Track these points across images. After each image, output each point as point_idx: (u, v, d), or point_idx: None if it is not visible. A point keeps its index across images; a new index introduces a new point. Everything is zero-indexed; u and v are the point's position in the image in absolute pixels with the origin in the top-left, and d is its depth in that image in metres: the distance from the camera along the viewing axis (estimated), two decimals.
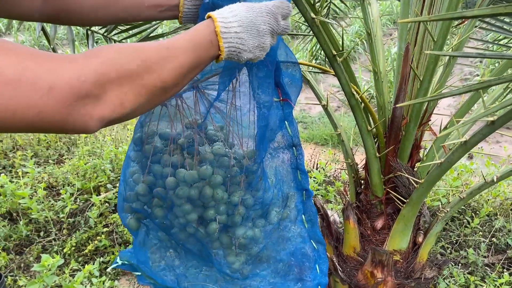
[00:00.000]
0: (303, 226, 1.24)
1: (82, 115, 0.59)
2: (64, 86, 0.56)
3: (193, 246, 1.17)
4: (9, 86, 0.53)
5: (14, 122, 0.55)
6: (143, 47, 0.66)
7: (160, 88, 0.67)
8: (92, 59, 0.60)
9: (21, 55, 0.56)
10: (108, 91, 0.60)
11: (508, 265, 2.29)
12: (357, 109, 1.26)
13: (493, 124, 0.96)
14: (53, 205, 2.46)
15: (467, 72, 6.15)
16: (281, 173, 1.19)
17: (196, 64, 0.74)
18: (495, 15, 0.60)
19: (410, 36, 1.35)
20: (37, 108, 0.55)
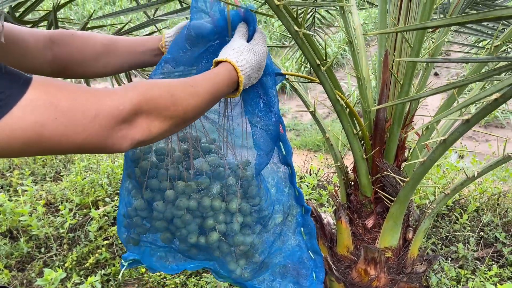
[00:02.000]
0: (301, 238, 1.29)
1: (118, 137, 0.70)
2: (107, 114, 0.68)
3: (195, 256, 1.22)
4: (65, 115, 0.64)
5: (67, 146, 0.66)
6: (173, 84, 0.80)
7: (181, 118, 0.80)
8: (129, 92, 0.72)
9: (71, 89, 0.67)
10: (140, 119, 0.72)
11: (497, 258, 2.36)
12: (343, 114, 1.33)
13: (468, 122, 1.04)
14: (52, 221, 2.50)
15: (454, 73, 6.28)
16: (281, 185, 1.25)
17: (213, 101, 0.88)
18: (466, 23, 0.67)
19: (389, 43, 1.43)
20: (86, 132, 0.66)
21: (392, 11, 1.43)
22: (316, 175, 3.17)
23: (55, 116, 0.64)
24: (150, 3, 1.71)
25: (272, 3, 1.03)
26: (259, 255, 1.22)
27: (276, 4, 1.03)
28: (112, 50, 1.08)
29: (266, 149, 1.10)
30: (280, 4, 1.04)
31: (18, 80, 0.63)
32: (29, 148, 0.64)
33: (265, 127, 1.09)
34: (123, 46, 1.09)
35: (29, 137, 0.63)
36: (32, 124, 0.62)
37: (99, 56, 1.07)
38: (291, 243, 1.29)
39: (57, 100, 0.64)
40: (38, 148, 0.65)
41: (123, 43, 1.09)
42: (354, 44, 1.54)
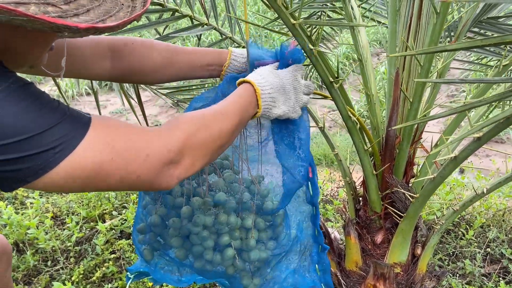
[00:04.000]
0: (316, 274, 1.31)
1: (166, 176, 0.75)
2: (156, 155, 0.73)
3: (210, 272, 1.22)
4: (120, 156, 0.69)
5: (120, 184, 0.71)
6: (206, 115, 0.85)
7: (219, 147, 0.85)
8: (174, 131, 0.77)
9: (126, 130, 0.72)
10: (185, 157, 0.77)
11: (504, 274, 2.36)
12: (354, 130, 1.35)
13: (479, 140, 1.06)
14: (59, 234, 2.50)
15: (453, 88, 6.32)
16: (301, 223, 1.27)
17: (242, 122, 0.92)
18: (473, 47, 0.70)
19: (398, 62, 1.46)
20: (138, 172, 0.71)
21: (401, 30, 1.46)
22: (321, 189, 3.17)
23: (111, 156, 0.68)
24: (162, 20, 1.75)
25: (288, 22, 1.06)
26: (273, 271, 1.22)
27: (292, 23, 1.06)
28: (172, 63, 1.11)
29: (291, 188, 1.13)
30: (295, 23, 1.07)
31: (79, 121, 0.68)
32: (86, 185, 0.69)
33: (290, 169, 1.12)
34: (183, 59, 1.12)
35: (88, 176, 0.67)
36: (91, 164, 0.67)
37: (158, 68, 1.10)
38: (307, 278, 1.30)
39: (114, 141, 0.69)
40: (94, 185, 0.70)
41: (183, 56, 1.12)
42: (364, 62, 1.57)
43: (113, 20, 0.66)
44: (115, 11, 0.68)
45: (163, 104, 5.85)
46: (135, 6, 0.72)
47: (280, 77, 1.03)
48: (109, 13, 0.67)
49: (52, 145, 0.63)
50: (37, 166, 0.63)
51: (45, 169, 0.64)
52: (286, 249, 1.22)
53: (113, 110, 6.03)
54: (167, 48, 1.11)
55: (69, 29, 0.60)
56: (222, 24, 1.83)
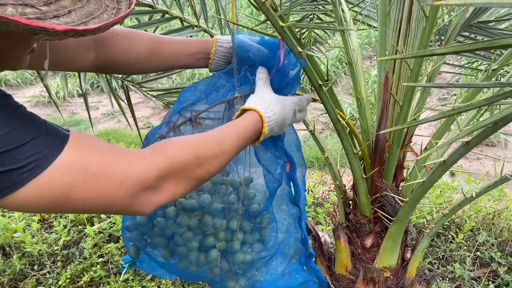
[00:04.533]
0: (306, 273, 1.30)
1: (142, 202, 0.71)
2: (133, 180, 0.68)
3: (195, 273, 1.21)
4: (93, 179, 0.65)
5: (91, 208, 0.68)
6: (200, 144, 0.80)
7: (206, 177, 0.81)
8: (157, 157, 0.72)
9: (103, 152, 0.68)
10: (165, 184, 0.73)
11: (493, 278, 2.37)
12: (343, 133, 1.35)
13: (468, 144, 1.06)
14: (46, 238, 2.46)
15: (444, 92, 6.37)
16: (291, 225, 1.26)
17: (236, 153, 0.88)
18: (461, 51, 0.69)
19: (388, 65, 1.45)
20: (110, 197, 0.67)
21: (391, 33, 1.46)
22: (312, 193, 3.17)
23: (83, 179, 0.65)
24: (152, 22, 1.74)
25: (277, 25, 1.05)
26: (259, 273, 1.21)
27: (280, 25, 1.05)
28: (157, 53, 1.07)
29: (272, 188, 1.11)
30: (284, 26, 1.06)
31: (55, 139, 0.64)
32: (54, 207, 0.65)
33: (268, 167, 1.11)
34: (168, 49, 1.08)
35: (57, 198, 0.64)
36: (60, 186, 0.63)
37: (142, 59, 1.07)
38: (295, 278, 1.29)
39: (88, 164, 0.65)
40: (62, 208, 0.66)
41: (168, 46, 1.08)
42: (354, 65, 1.57)
43: (95, 23, 0.64)
44: (98, 13, 0.66)
45: (155, 106, 5.82)
46: (120, 8, 0.70)
47: (285, 110, 0.99)
48: (92, 15, 0.65)
49: (21, 164, 0.60)
50: (2, 185, 0.60)
51: (12, 188, 0.60)
52: (272, 252, 1.20)
53: (105, 111, 5.99)
54: (152, 39, 1.08)
55: (46, 32, 0.57)
56: (213, 26, 1.82)
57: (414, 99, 1.62)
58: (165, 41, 1.09)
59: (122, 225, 1.23)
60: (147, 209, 0.73)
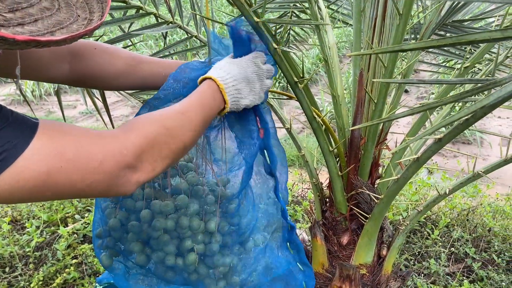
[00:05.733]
0: (288, 252, 1.27)
1: (123, 182, 0.71)
2: (111, 160, 0.68)
3: (172, 279, 1.17)
4: (70, 163, 0.64)
5: (72, 192, 0.67)
6: (165, 116, 0.80)
7: (182, 149, 0.81)
8: (129, 133, 0.72)
9: (76, 136, 0.67)
10: (143, 160, 0.73)
11: (468, 273, 2.41)
12: (319, 131, 1.34)
13: (440, 141, 1.06)
14: (18, 239, 2.40)
15: (423, 91, 6.47)
16: (268, 198, 1.23)
17: (206, 120, 0.88)
18: (429, 47, 0.69)
19: (363, 62, 1.46)
20: (91, 179, 0.67)
21: (366, 31, 1.46)
22: (290, 191, 3.17)
23: (60, 164, 0.64)
24: (125, 17, 1.70)
25: (252, 20, 1.04)
26: (238, 276, 1.18)
27: (255, 21, 1.04)
28: (135, 71, 1.07)
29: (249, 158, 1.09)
30: (259, 21, 1.04)
31: (24, 127, 0.63)
32: (33, 196, 0.64)
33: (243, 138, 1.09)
34: (147, 68, 1.08)
35: (34, 186, 0.62)
36: (37, 174, 0.62)
37: (120, 75, 1.05)
38: (278, 256, 1.26)
39: (63, 148, 0.64)
40: (42, 196, 0.65)
41: (147, 65, 1.08)
42: (329, 63, 1.57)
43: (63, 33, 0.60)
44: (68, 22, 0.62)
45: (134, 104, 5.74)
46: (92, 19, 0.66)
47: (242, 66, 0.99)
48: (61, 24, 0.61)
49: None
50: None
51: None
52: (248, 230, 1.18)
53: (83, 110, 5.89)
54: (131, 56, 1.07)
55: (4, 41, 0.54)
56: (188, 22, 1.80)
57: (389, 96, 1.63)
58: (144, 60, 1.09)
59: (93, 232, 1.19)
60: (129, 188, 0.73)
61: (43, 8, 0.60)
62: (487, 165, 1.38)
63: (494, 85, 0.69)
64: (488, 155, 4.57)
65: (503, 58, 1.52)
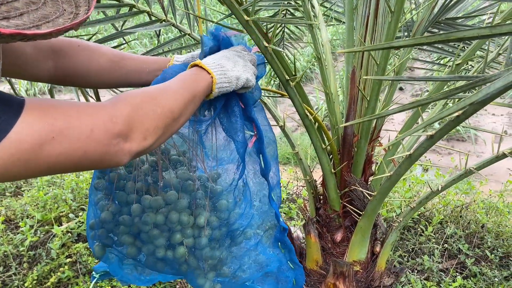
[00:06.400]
0: (279, 251, 1.28)
1: (116, 151, 0.71)
2: (101, 128, 0.68)
3: (163, 269, 1.19)
4: (62, 134, 0.64)
5: (66, 164, 0.67)
6: (151, 89, 0.82)
7: (171, 119, 0.81)
8: (117, 104, 0.73)
9: (65, 107, 0.67)
10: (133, 129, 0.74)
11: (461, 269, 2.43)
12: (311, 129, 1.35)
13: (432, 138, 1.07)
14: (12, 238, 2.39)
15: (418, 88, 6.49)
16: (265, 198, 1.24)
17: (194, 94, 0.89)
18: (419, 44, 0.70)
19: (356, 60, 1.46)
20: (84, 148, 0.67)
21: (358, 28, 1.46)
22: (285, 189, 3.18)
23: (52, 135, 0.64)
24: (118, 15, 1.70)
25: (242, 19, 1.04)
26: (228, 268, 1.20)
27: (245, 19, 1.04)
28: (118, 67, 1.07)
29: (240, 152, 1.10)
30: (249, 20, 1.04)
31: (11, 104, 0.63)
32: (29, 170, 0.64)
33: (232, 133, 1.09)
34: (130, 64, 1.09)
35: (28, 159, 0.62)
36: (30, 146, 0.62)
37: (104, 72, 1.06)
38: (269, 254, 1.28)
39: (53, 119, 0.64)
40: (38, 170, 0.65)
41: (130, 62, 1.09)
42: (322, 60, 1.57)
43: (49, 27, 0.60)
44: (54, 16, 0.62)
45: None
46: (78, 13, 0.66)
47: (225, 52, 1.02)
48: (47, 18, 0.61)
49: None
50: None
51: None
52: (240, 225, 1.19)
53: None
54: (115, 53, 1.08)
55: None
56: (181, 20, 1.80)
57: (382, 93, 1.63)
58: (126, 57, 1.10)
59: (87, 223, 1.20)
60: (122, 157, 0.73)
61: (29, 2, 0.60)
62: (479, 162, 1.38)
63: (483, 81, 0.69)
64: (483, 152, 4.60)
65: (495, 55, 1.53)
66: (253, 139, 1.13)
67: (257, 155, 1.18)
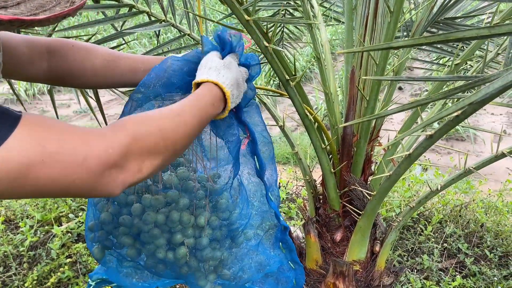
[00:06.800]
0: (280, 251, 1.29)
1: (107, 181, 0.68)
2: (95, 158, 0.65)
3: (163, 272, 1.19)
4: (52, 158, 0.62)
5: (53, 189, 0.64)
6: (160, 117, 0.78)
7: (172, 151, 0.78)
8: (118, 132, 0.70)
9: (60, 130, 0.65)
10: (130, 161, 0.70)
11: (460, 269, 2.43)
12: (311, 128, 1.35)
13: (431, 138, 1.08)
14: (12, 239, 2.39)
15: (417, 88, 6.50)
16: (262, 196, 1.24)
17: (201, 125, 0.86)
18: (418, 45, 0.70)
19: (355, 60, 1.46)
20: (73, 176, 0.64)
21: (358, 28, 1.47)
22: (285, 188, 3.18)
23: (41, 158, 0.61)
24: (118, 16, 1.70)
25: (242, 18, 1.04)
26: (228, 269, 1.20)
27: (246, 19, 1.04)
28: (113, 66, 1.05)
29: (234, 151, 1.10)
30: (250, 20, 1.05)
31: (6, 118, 0.61)
32: (14, 191, 0.62)
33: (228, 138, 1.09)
34: (125, 63, 1.07)
35: (15, 179, 0.60)
36: (17, 166, 0.59)
37: (99, 71, 1.04)
38: (270, 254, 1.28)
39: (45, 141, 0.62)
40: (23, 191, 0.63)
41: (125, 61, 1.07)
42: (322, 60, 1.57)
43: (46, 14, 0.61)
44: (51, 5, 0.63)
45: None
46: (74, 1, 0.67)
47: (232, 69, 0.98)
48: (43, 7, 0.62)
49: None
50: None
51: None
52: (240, 225, 1.19)
53: (77, 109, 5.86)
54: (109, 52, 1.07)
55: None
56: (181, 21, 1.80)
57: (381, 93, 1.64)
58: (122, 56, 1.08)
59: (86, 225, 1.20)
60: (114, 189, 0.69)
61: None
62: (478, 161, 1.39)
63: (483, 81, 0.69)
64: (482, 151, 4.61)
65: (494, 55, 1.53)
66: (245, 141, 1.13)
67: (251, 157, 1.19)
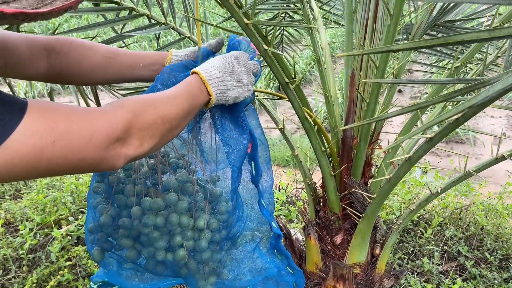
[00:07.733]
0: (277, 258, 1.28)
1: (113, 155, 0.73)
2: (102, 133, 0.70)
3: (162, 273, 1.19)
4: (62, 138, 0.66)
5: (65, 167, 0.69)
6: (154, 98, 0.85)
7: (168, 129, 0.84)
8: (119, 109, 0.75)
9: (66, 112, 0.69)
10: (132, 135, 0.76)
11: (461, 272, 2.43)
12: (311, 131, 1.35)
13: (431, 140, 1.07)
14: (11, 241, 2.38)
15: (416, 90, 6.50)
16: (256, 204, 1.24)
17: (192, 108, 0.91)
18: (418, 48, 0.70)
19: (355, 63, 1.47)
20: (83, 153, 0.69)
21: (358, 31, 1.47)
22: (285, 191, 3.18)
23: (53, 139, 0.65)
24: (118, 19, 1.70)
25: (242, 22, 1.04)
26: (228, 272, 1.20)
27: (245, 22, 1.04)
28: (113, 63, 1.08)
29: (238, 165, 1.10)
30: (249, 23, 1.05)
31: (14, 106, 0.64)
32: (29, 172, 0.65)
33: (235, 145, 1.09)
34: (124, 60, 1.09)
35: (29, 161, 0.64)
36: (31, 149, 0.63)
37: (98, 68, 1.06)
38: (267, 260, 1.27)
39: (54, 123, 0.66)
40: (38, 172, 0.66)
41: (124, 57, 1.10)
42: (322, 63, 1.57)
43: (48, 8, 0.62)
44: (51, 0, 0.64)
45: None
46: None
47: (228, 58, 1.01)
48: (45, 1, 0.63)
49: None
50: None
51: None
52: (238, 228, 1.19)
53: None
54: (107, 49, 1.08)
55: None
56: (181, 23, 1.80)
57: (381, 95, 1.64)
58: (121, 52, 1.10)
59: (86, 227, 1.20)
60: (118, 162, 0.75)
61: None
62: (478, 164, 1.39)
63: (482, 84, 0.69)
64: (481, 154, 4.61)
65: (494, 58, 1.54)
66: (249, 145, 1.13)
67: (249, 162, 1.19)
